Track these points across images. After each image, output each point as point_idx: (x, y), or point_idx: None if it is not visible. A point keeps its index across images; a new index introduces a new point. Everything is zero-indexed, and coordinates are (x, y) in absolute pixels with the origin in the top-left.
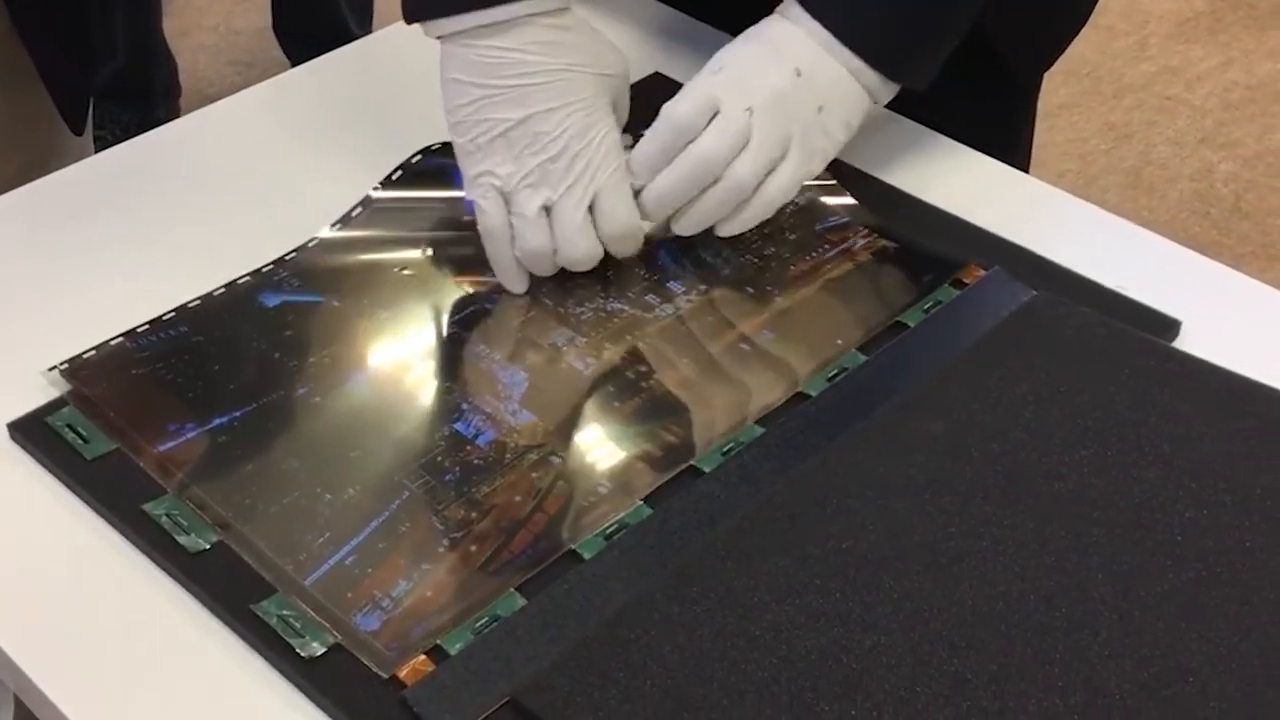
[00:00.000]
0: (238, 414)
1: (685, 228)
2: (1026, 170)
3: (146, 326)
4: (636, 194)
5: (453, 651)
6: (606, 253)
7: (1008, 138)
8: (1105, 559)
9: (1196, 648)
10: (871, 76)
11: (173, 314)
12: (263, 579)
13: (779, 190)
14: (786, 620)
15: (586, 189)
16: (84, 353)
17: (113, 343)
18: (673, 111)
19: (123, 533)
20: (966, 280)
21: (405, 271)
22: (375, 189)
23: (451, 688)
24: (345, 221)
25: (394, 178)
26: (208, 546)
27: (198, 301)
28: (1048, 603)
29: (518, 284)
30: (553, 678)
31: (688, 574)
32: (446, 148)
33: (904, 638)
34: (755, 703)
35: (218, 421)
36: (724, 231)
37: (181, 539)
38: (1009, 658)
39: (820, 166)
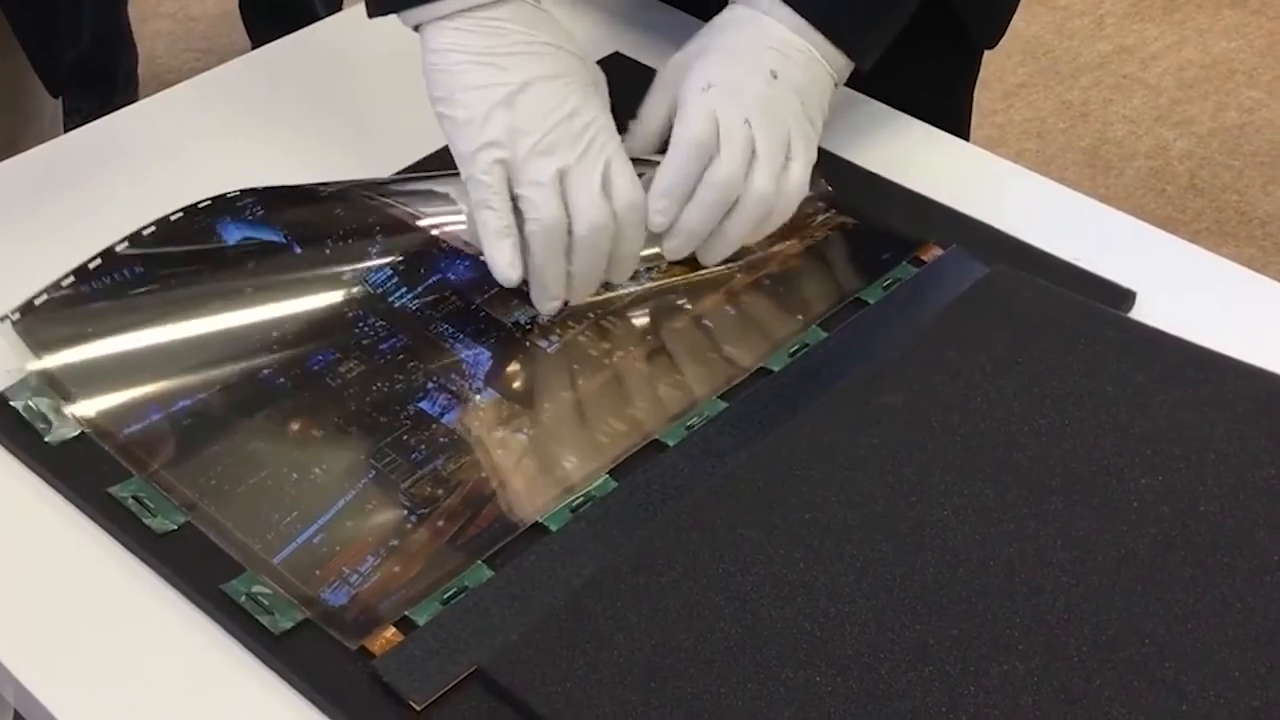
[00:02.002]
0: (203, 396)
1: (714, 256)
2: (966, 139)
3: (99, 262)
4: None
5: (421, 623)
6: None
7: (952, 108)
8: (1063, 525)
9: (1153, 610)
10: (837, 57)
11: (125, 243)
12: (231, 559)
13: (796, 190)
14: (751, 590)
15: (599, 154)
16: (34, 297)
17: (64, 285)
18: (690, 135)
19: (90, 515)
20: (924, 258)
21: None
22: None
23: (420, 658)
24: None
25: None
26: (175, 527)
27: (152, 229)
28: (1007, 569)
29: (513, 269)
30: (520, 650)
31: (653, 546)
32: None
33: (867, 605)
34: (722, 671)
35: (182, 405)
36: (751, 242)
37: (149, 521)
38: (970, 623)
39: (814, 155)
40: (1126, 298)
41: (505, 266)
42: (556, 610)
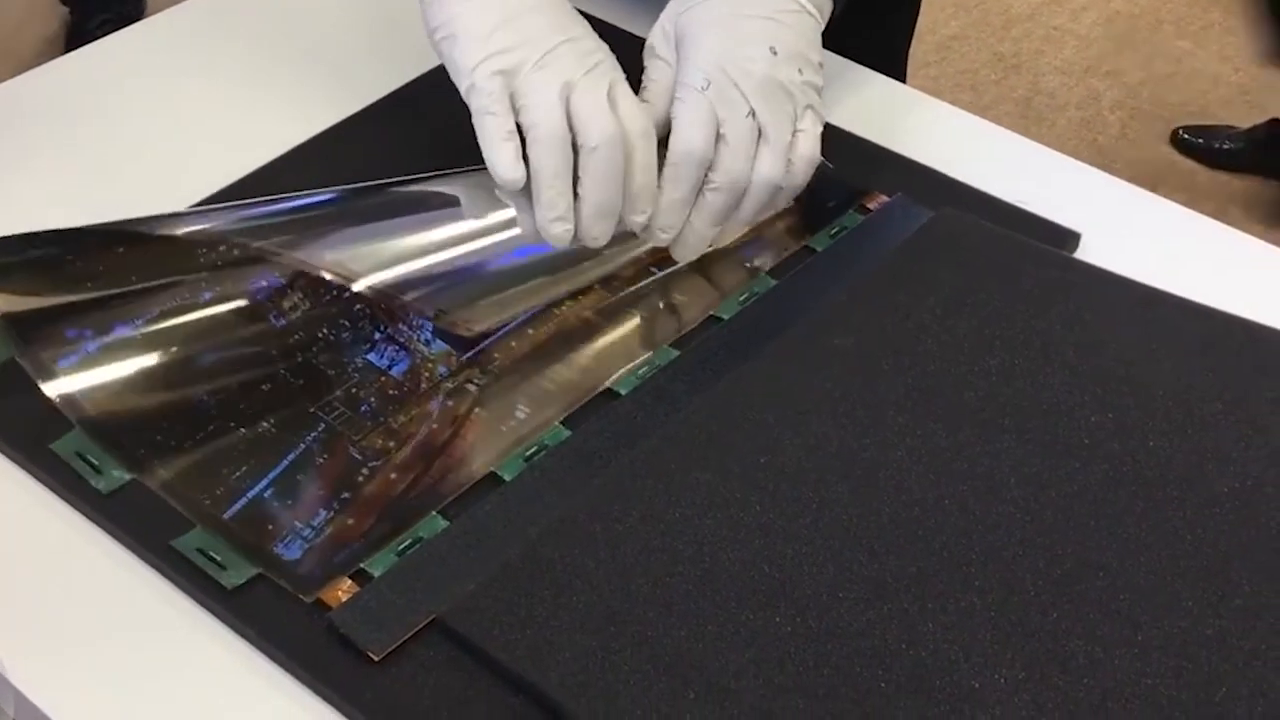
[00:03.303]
0: (140, 322)
1: (723, 241)
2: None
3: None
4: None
5: (376, 575)
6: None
7: (892, 57)
8: (1016, 463)
9: (1106, 544)
10: (825, 3)
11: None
12: (180, 515)
13: (806, 163)
14: (708, 534)
15: (604, 76)
16: None
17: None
18: (690, 148)
19: (33, 474)
20: (871, 206)
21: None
22: None
23: (377, 609)
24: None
25: None
26: (121, 485)
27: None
28: (962, 507)
29: (514, 170)
30: (479, 599)
31: (608, 492)
32: None
33: (824, 546)
34: (682, 614)
35: (119, 331)
36: (769, 213)
37: (94, 481)
38: (927, 560)
39: (823, 116)
40: (1071, 238)
41: (506, 168)
42: (514, 559)
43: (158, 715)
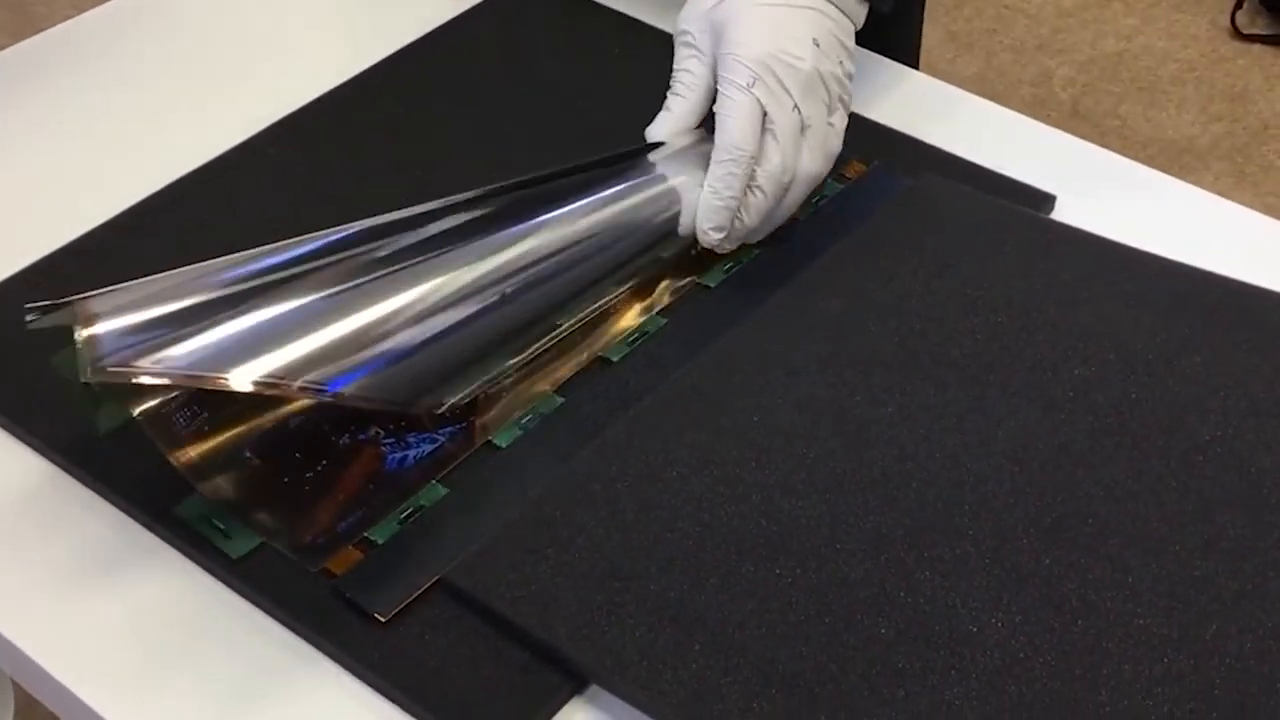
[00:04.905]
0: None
1: (762, 233)
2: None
3: None
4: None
5: (380, 542)
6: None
7: (906, 39)
8: (1003, 417)
9: (1094, 492)
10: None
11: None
12: (178, 476)
13: (837, 149)
14: (706, 491)
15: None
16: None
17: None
18: (742, 150)
19: (35, 446)
20: (849, 175)
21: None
22: None
23: (382, 573)
24: None
25: None
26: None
27: None
28: (953, 460)
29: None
30: (483, 557)
31: (606, 453)
32: None
33: (820, 500)
34: (683, 568)
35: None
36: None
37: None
38: (921, 512)
39: (850, 100)
40: (1047, 201)
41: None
42: (515, 519)
43: (174, 682)
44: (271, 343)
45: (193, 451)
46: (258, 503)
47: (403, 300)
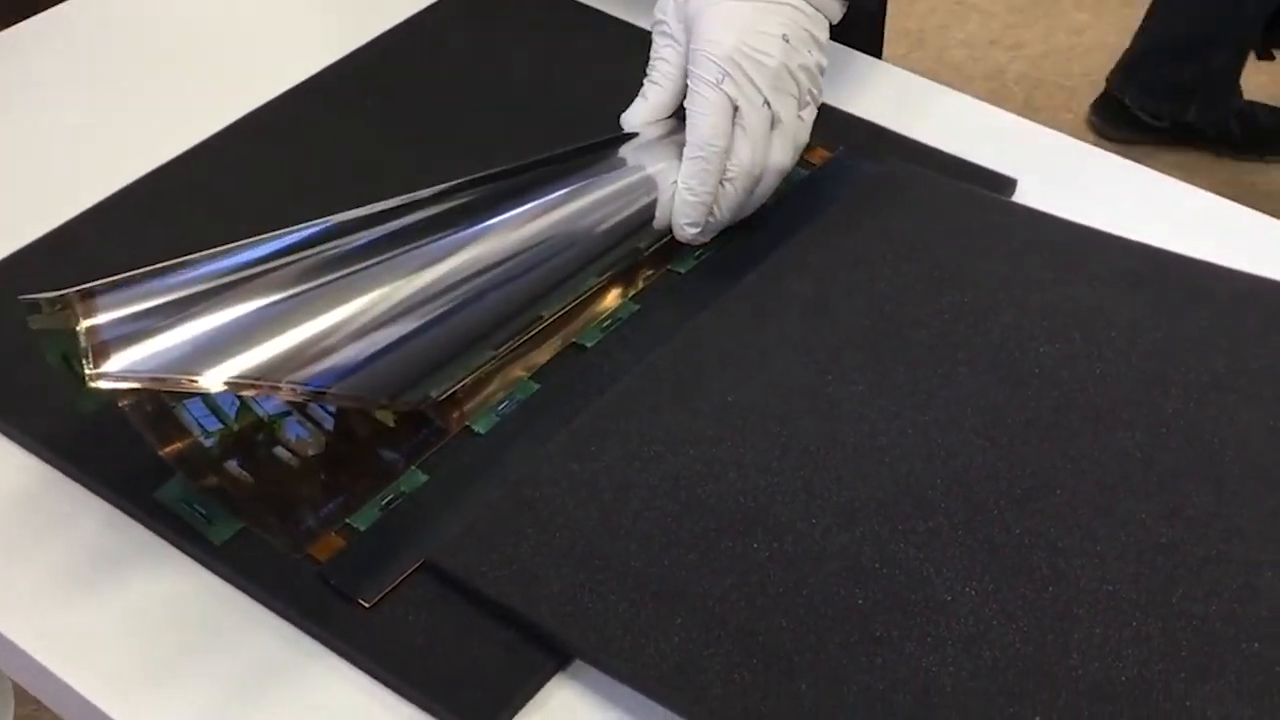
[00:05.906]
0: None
1: (733, 221)
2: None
3: None
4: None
5: (362, 529)
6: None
7: (871, 34)
8: (972, 393)
9: (1061, 465)
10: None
11: None
12: (162, 464)
13: (805, 140)
14: (683, 469)
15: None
16: None
17: None
18: (713, 147)
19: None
20: (814, 161)
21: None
22: None
23: (366, 559)
24: None
25: None
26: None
27: None
28: (924, 435)
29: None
30: (465, 539)
31: (583, 434)
32: None
33: (794, 476)
34: (663, 545)
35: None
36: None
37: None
38: (894, 486)
39: (821, 91)
40: (1009, 184)
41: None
42: (495, 501)
43: (168, 669)
44: (248, 342)
45: (178, 441)
46: (240, 492)
47: (379, 296)
